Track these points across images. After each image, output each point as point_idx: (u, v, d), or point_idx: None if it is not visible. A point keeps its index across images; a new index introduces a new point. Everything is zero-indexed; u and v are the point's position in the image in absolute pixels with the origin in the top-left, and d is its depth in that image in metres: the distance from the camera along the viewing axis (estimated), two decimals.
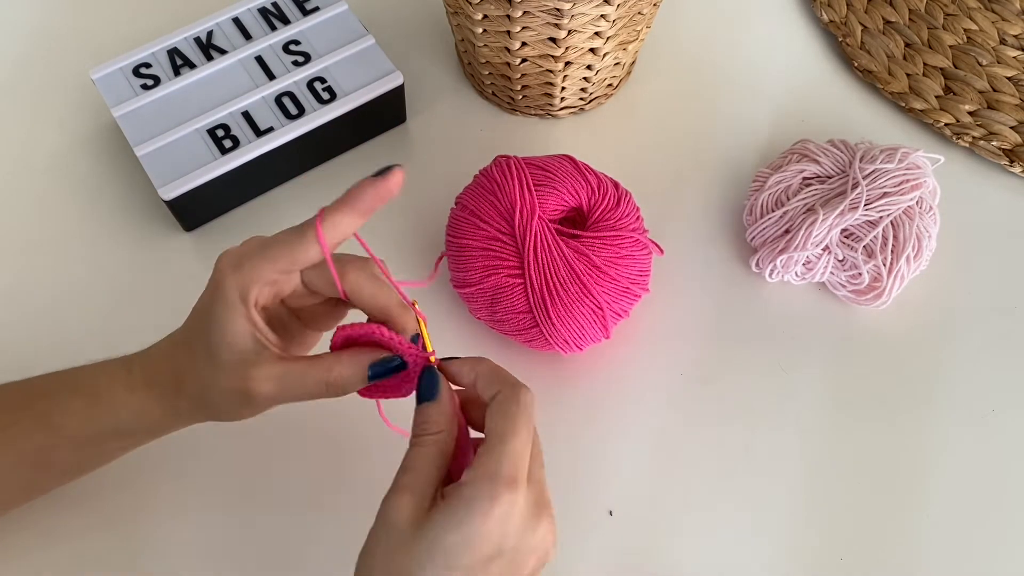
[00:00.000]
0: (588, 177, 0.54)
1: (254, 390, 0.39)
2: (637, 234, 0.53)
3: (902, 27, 0.68)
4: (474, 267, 0.52)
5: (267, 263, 0.39)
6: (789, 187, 0.58)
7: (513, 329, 0.53)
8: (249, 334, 0.39)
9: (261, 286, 0.39)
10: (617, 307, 0.52)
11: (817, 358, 0.56)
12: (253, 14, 0.63)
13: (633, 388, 0.55)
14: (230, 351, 0.39)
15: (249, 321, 0.39)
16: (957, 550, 0.51)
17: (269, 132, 0.59)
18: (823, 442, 0.54)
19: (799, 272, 0.57)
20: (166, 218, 0.60)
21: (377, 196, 0.39)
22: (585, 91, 0.64)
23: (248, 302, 0.39)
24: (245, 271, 0.39)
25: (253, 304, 0.39)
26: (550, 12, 0.54)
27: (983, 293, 0.59)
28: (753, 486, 0.52)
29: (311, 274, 0.41)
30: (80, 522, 0.51)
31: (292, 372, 0.39)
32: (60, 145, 0.64)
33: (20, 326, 0.57)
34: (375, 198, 0.39)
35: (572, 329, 0.51)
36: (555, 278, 0.51)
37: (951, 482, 0.53)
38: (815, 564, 0.50)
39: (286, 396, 0.40)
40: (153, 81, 0.60)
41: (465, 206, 0.54)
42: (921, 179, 0.56)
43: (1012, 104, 0.64)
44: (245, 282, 0.39)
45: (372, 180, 0.39)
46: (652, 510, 0.52)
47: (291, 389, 0.39)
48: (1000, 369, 0.56)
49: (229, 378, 0.39)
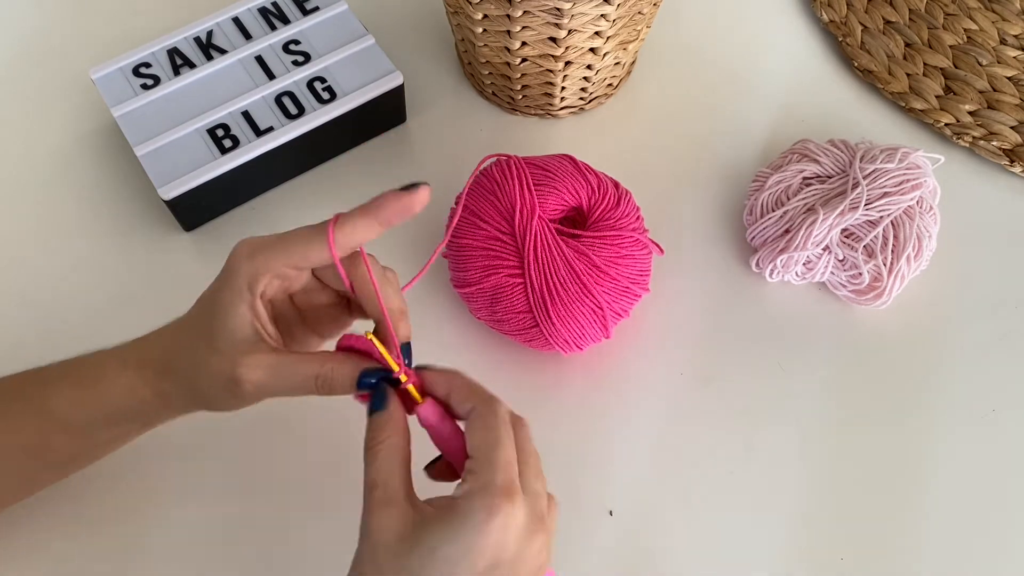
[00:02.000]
0: (588, 177, 0.54)
1: (243, 376, 0.39)
2: (637, 234, 0.53)
3: (902, 27, 0.68)
4: (474, 267, 0.52)
5: (281, 256, 0.40)
6: (789, 187, 0.58)
7: (513, 329, 0.53)
8: (249, 323, 0.39)
9: (271, 278, 0.40)
10: (617, 307, 0.52)
11: (817, 358, 0.56)
12: (253, 14, 0.63)
13: (633, 388, 0.55)
14: (228, 337, 0.39)
15: (252, 310, 0.40)
16: (957, 550, 0.51)
17: (269, 132, 0.59)
18: (823, 442, 0.54)
19: (799, 272, 0.57)
20: (166, 218, 0.60)
21: (400, 209, 0.40)
22: (585, 91, 0.64)
23: (255, 291, 0.39)
24: (258, 261, 0.40)
25: (260, 294, 0.40)
26: (550, 12, 0.54)
27: (983, 293, 0.59)
28: (753, 486, 0.52)
29: (323, 270, 0.42)
30: (80, 518, 0.51)
31: (284, 363, 0.39)
32: (60, 145, 0.64)
33: (20, 326, 0.57)
34: (397, 211, 0.40)
35: (572, 329, 0.51)
36: (555, 278, 0.51)
37: (951, 482, 0.53)
38: (815, 564, 0.50)
39: (275, 386, 0.39)
40: (153, 81, 0.60)
41: (465, 206, 0.54)
42: (921, 179, 0.56)
43: (1012, 104, 0.64)
44: (256, 271, 0.39)
45: (397, 193, 0.40)
46: (652, 510, 0.52)
47: (280, 379, 0.39)
48: (1000, 369, 0.56)
49: (220, 362, 0.39)
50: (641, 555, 0.51)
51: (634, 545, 0.51)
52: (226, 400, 0.41)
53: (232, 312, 0.39)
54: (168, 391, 0.42)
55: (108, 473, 0.50)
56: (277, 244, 0.40)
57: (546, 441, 0.53)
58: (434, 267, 0.59)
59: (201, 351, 0.40)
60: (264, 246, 0.40)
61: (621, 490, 0.52)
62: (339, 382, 0.39)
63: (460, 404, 0.39)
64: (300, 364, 0.39)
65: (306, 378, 0.39)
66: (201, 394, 0.41)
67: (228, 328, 0.39)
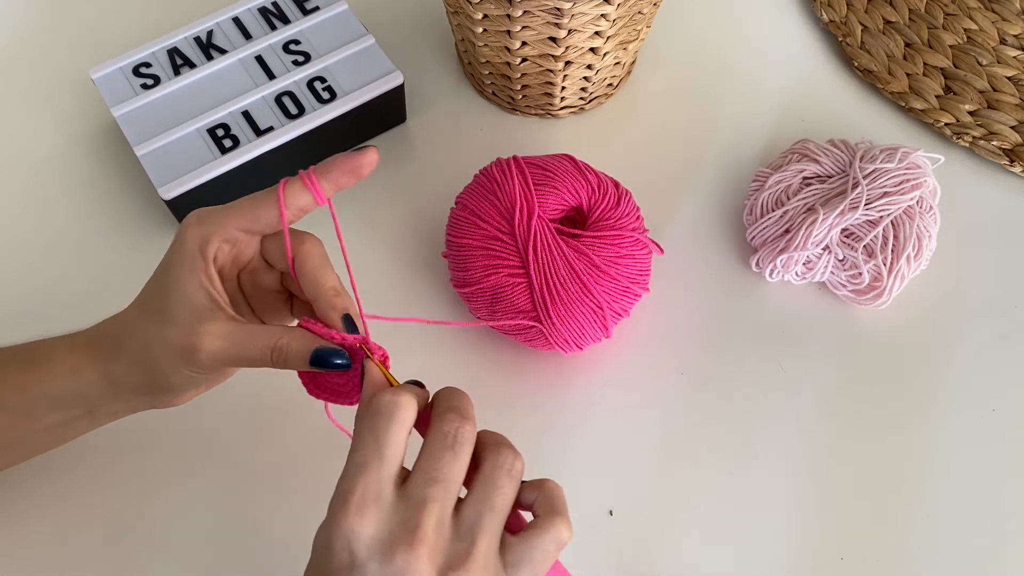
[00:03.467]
0: (588, 177, 0.54)
1: (201, 345, 0.38)
2: (637, 233, 0.53)
3: (902, 27, 0.68)
4: (474, 267, 0.52)
5: (230, 218, 0.40)
6: (789, 187, 0.58)
7: (514, 328, 0.53)
8: (205, 290, 0.39)
9: (221, 242, 0.40)
10: (617, 307, 0.52)
11: (817, 358, 0.56)
12: (253, 14, 0.63)
13: (633, 388, 0.55)
14: (184, 306, 0.39)
15: (206, 274, 0.39)
16: (957, 549, 0.51)
17: (269, 132, 0.59)
18: (823, 441, 0.54)
19: (799, 272, 0.57)
20: (166, 218, 0.60)
21: (348, 170, 0.40)
22: (585, 91, 0.64)
23: (207, 255, 0.39)
24: (207, 225, 0.40)
25: (212, 259, 0.40)
26: (550, 12, 0.54)
27: (983, 293, 0.59)
28: (753, 485, 0.52)
29: (269, 244, 0.42)
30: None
31: (241, 332, 0.39)
32: (60, 145, 0.64)
33: (19, 326, 0.56)
34: (345, 171, 0.40)
35: (572, 329, 0.51)
36: (555, 277, 0.51)
37: (951, 481, 0.53)
38: (815, 564, 0.50)
39: (231, 355, 0.39)
40: (153, 81, 0.60)
41: (465, 206, 0.54)
42: (921, 179, 0.56)
43: (1012, 104, 0.64)
44: (206, 235, 0.40)
45: (347, 154, 0.40)
46: (652, 510, 0.52)
47: (238, 348, 0.39)
48: (1000, 369, 0.56)
49: (177, 333, 0.39)
50: (641, 555, 0.51)
51: (634, 545, 0.51)
52: (178, 374, 0.40)
53: (185, 280, 0.39)
54: (117, 373, 0.41)
55: (100, 469, 0.50)
56: (226, 208, 0.40)
57: (546, 441, 0.54)
58: (434, 267, 0.59)
59: (154, 326, 0.40)
60: (214, 211, 0.40)
61: (621, 490, 0.52)
62: (293, 355, 0.39)
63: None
64: (257, 335, 0.39)
65: (262, 349, 0.39)
66: (152, 371, 0.40)
67: (183, 297, 0.39)
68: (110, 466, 0.52)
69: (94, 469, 0.52)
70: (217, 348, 0.39)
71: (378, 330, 0.41)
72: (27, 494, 0.51)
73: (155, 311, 0.40)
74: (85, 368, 0.42)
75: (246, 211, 0.40)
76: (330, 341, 0.39)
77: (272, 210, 0.40)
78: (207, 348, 0.39)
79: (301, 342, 0.39)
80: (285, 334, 0.39)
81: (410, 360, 0.46)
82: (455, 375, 0.56)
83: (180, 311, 0.39)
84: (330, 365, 0.39)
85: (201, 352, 0.39)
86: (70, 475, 0.52)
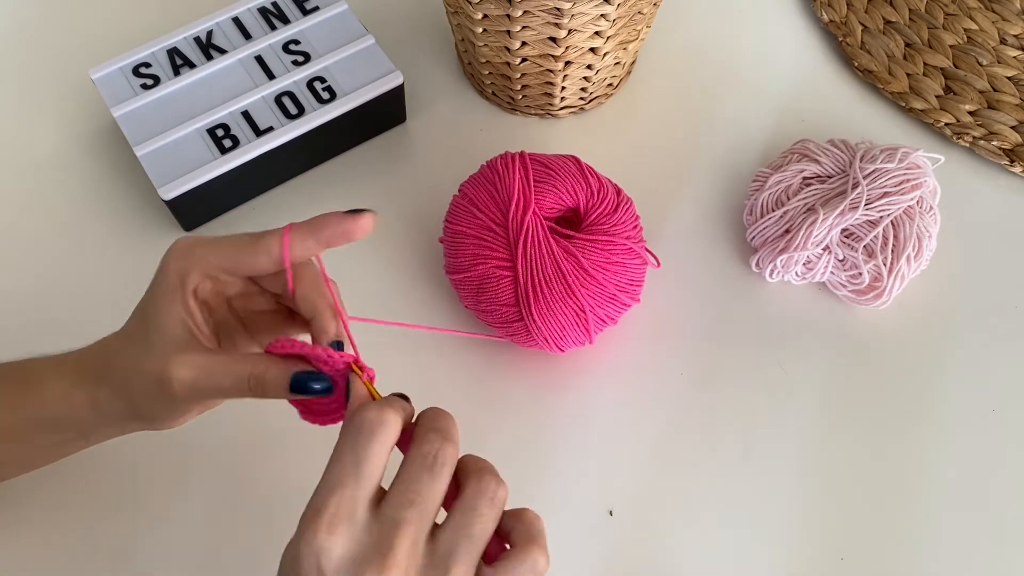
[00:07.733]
0: (589, 179, 0.54)
1: (172, 375, 0.38)
2: (631, 242, 0.53)
3: (902, 27, 0.68)
4: (464, 254, 0.53)
5: (212, 256, 0.39)
6: (789, 187, 0.58)
7: (497, 321, 0.53)
8: (181, 321, 0.39)
9: (201, 277, 0.39)
10: (602, 312, 0.52)
11: (817, 358, 0.56)
12: (253, 14, 0.63)
13: (633, 387, 0.55)
14: (160, 334, 0.39)
15: (184, 307, 0.39)
16: (957, 549, 0.51)
17: (269, 132, 0.59)
18: (823, 442, 0.54)
19: (799, 272, 0.57)
20: (166, 218, 0.60)
21: (341, 232, 0.39)
22: (585, 91, 0.64)
23: (187, 287, 0.39)
24: (190, 258, 0.39)
25: (191, 292, 0.39)
26: (550, 12, 0.54)
27: (983, 293, 0.59)
28: (753, 486, 0.52)
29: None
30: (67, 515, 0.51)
31: (216, 362, 0.38)
32: (60, 145, 0.64)
33: (19, 326, 0.57)
34: (338, 234, 0.39)
35: (553, 328, 0.51)
36: (541, 274, 0.51)
37: (951, 481, 0.53)
38: (815, 564, 0.50)
39: (206, 386, 0.38)
40: (153, 81, 0.60)
41: (465, 194, 0.54)
42: (921, 179, 0.56)
43: (1012, 104, 0.64)
44: (186, 268, 0.39)
45: (341, 216, 0.39)
46: (652, 510, 0.52)
47: (212, 378, 0.38)
48: (1000, 369, 0.56)
49: (152, 362, 0.38)
50: (641, 555, 0.51)
51: (634, 545, 0.51)
52: (157, 403, 0.40)
53: (164, 310, 0.39)
54: (102, 400, 0.41)
55: (94, 479, 0.50)
56: (212, 244, 0.39)
57: (546, 441, 0.54)
58: (432, 267, 0.59)
59: (134, 354, 0.39)
60: (199, 244, 0.40)
61: (621, 490, 0.52)
62: (271, 383, 0.38)
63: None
64: (233, 364, 0.38)
65: (239, 378, 0.38)
66: (134, 400, 0.40)
67: (160, 327, 0.39)
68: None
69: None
70: (189, 378, 0.38)
71: (369, 329, 0.41)
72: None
73: (136, 341, 0.40)
74: (74, 394, 0.41)
75: (228, 254, 0.39)
76: (321, 363, 0.38)
77: (256, 260, 0.39)
78: (179, 377, 0.38)
79: (279, 369, 0.38)
80: (262, 362, 0.38)
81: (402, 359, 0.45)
82: (455, 376, 0.56)
83: (157, 341, 0.39)
84: (310, 391, 0.38)
85: (173, 382, 0.38)
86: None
